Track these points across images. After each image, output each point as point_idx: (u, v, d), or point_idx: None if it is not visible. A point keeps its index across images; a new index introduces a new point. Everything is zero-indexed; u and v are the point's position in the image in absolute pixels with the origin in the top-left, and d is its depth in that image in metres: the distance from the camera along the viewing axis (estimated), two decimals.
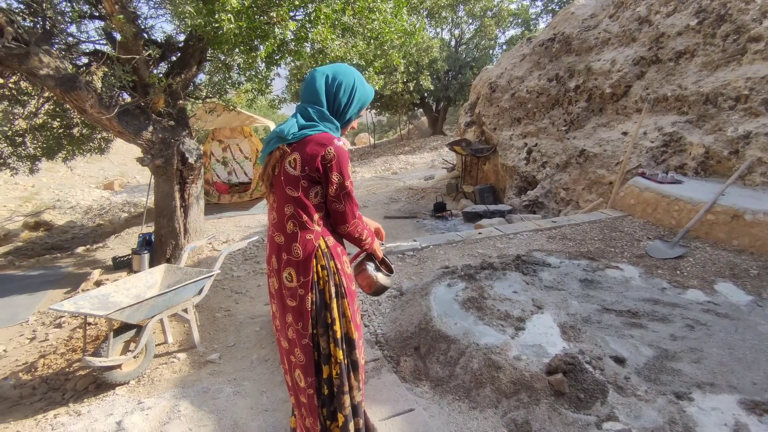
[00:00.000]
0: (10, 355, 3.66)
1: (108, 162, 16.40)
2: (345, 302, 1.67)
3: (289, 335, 1.68)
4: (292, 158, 1.54)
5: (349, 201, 1.60)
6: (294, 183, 1.55)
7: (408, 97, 17.68)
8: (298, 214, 1.58)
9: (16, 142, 5.82)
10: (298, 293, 1.61)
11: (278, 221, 1.63)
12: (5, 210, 11.24)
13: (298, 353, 1.66)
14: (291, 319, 1.65)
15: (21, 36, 3.95)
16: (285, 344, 1.73)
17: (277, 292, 1.69)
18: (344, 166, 1.55)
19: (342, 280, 1.67)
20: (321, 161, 1.51)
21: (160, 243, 5.44)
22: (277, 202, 1.63)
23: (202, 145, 9.03)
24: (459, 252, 4.13)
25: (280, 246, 1.63)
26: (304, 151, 1.52)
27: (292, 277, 1.61)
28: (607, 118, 6.29)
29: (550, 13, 20.00)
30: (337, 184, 1.55)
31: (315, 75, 1.59)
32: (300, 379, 1.69)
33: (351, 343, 1.69)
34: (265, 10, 4.28)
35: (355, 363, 1.71)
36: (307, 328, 1.62)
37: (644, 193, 4.65)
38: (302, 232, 1.59)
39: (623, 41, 6.36)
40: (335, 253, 1.66)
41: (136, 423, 2.46)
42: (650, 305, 2.90)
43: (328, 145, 1.52)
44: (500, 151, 7.98)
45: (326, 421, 1.72)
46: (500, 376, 2.22)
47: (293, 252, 1.60)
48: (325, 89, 1.58)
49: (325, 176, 1.54)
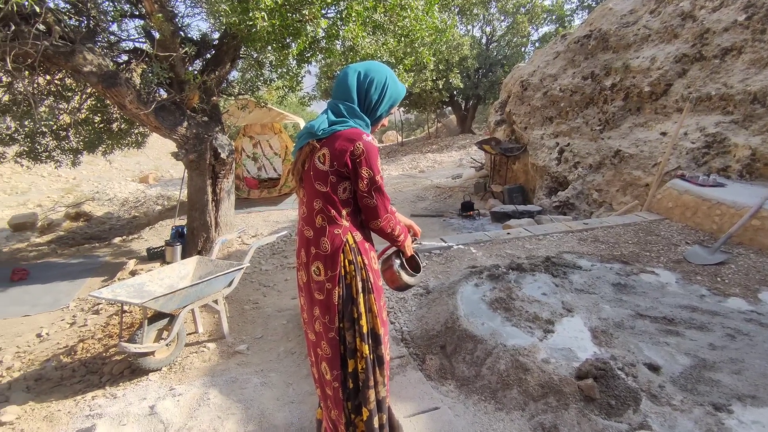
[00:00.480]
0: (52, 338, 3.84)
1: (144, 156, 16.97)
2: (372, 297, 1.67)
3: (316, 328, 1.71)
4: (322, 153, 1.55)
5: (380, 196, 1.60)
6: (323, 178, 1.56)
7: (437, 95, 17.53)
8: (326, 209, 1.59)
9: (61, 136, 6.10)
10: (325, 287, 1.63)
11: (308, 215, 1.66)
12: (49, 200, 11.81)
13: (325, 346, 1.68)
14: (318, 312, 1.67)
15: (67, 35, 4.13)
16: (312, 336, 1.75)
17: (305, 285, 1.71)
18: (374, 161, 1.55)
19: (369, 275, 1.67)
20: (350, 156, 1.52)
21: (192, 235, 5.59)
22: (307, 196, 1.65)
23: (233, 140, 9.24)
24: (486, 252, 4.08)
25: (309, 240, 1.65)
26: (333, 146, 1.53)
27: (320, 270, 1.63)
28: (645, 118, 6.07)
29: (585, 9, 19.46)
30: (368, 179, 1.55)
31: (347, 72, 1.61)
32: (326, 371, 1.71)
33: (377, 338, 1.70)
34: (297, 8, 4.33)
35: (381, 358, 1.71)
36: (334, 322, 1.64)
37: (683, 195, 4.47)
38: (330, 227, 1.60)
39: (664, 38, 6.12)
40: (363, 249, 1.66)
41: (168, 408, 2.54)
42: (688, 312, 2.78)
43: (356, 140, 1.52)
44: (531, 151, 7.83)
45: (351, 415, 1.73)
46: (528, 378, 2.18)
47: (321, 246, 1.61)
48: (357, 86, 1.59)
49: (355, 172, 1.54)
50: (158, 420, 2.45)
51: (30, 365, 3.37)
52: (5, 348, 3.72)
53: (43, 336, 3.91)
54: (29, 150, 5.93)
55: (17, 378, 3.19)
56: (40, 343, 3.79)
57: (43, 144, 6.07)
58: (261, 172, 10.60)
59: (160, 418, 2.46)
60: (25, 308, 4.57)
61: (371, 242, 1.75)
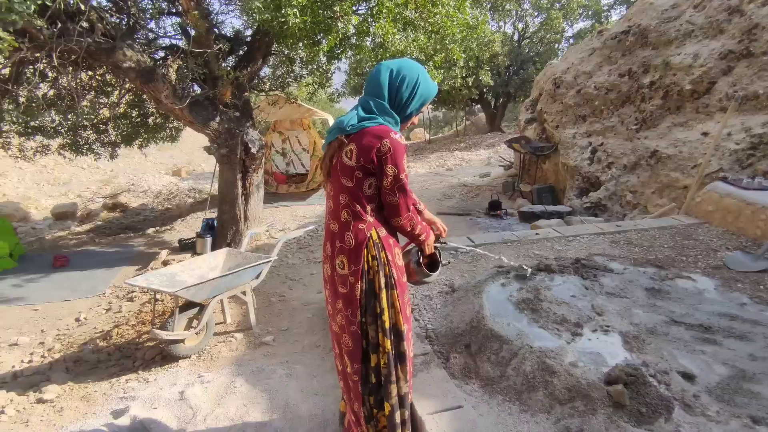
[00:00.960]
0: (89, 323, 4.02)
1: (177, 150, 17.49)
2: (395, 293, 1.68)
3: (338, 321, 1.73)
4: (349, 149, 1.57)
5: (403, 194, 1.60)
6: (349, 173, 1.58)
7: (466, 92, 17.33)
8: (351, 203, 1.61)
9: (100, 130, 6.35)
10: (348, 281, 1.64)
11: (333, 209, 1.68)
12: (88, 191, 12.34)
13: (347, 339, 1.70)
14: (341, 305, 1.69)
15: (108, 32, 4.29)
16: (336, 329, 1.78)
17: (329, 278, 1.74)
18: (399, 159, 1.55)
19: (392, 271, 1.68)
20: (376, 153, 1.53)
21: (221, 228, 5.73)
22: (333, 191, 1.67)
23: (263, 136, 9.40)
24: (514, 252, 4.01)
25: (335, 233, 1.68)
26: (360, 142, 1.54)
27: (344, 264, 1.65)
28: (685, 117, 5.82)
29: (624, 5, 18.83)
30: (392, 177, 1.56)
31: (380, 68, 1.62)
32: (347, 364, 1.73)
33: (399, 334, 1.70)
34: (329, 4, 4.36)
35: (403, 355, 1.71)
36: (356, 316, 1.65)
37: (725, 199, 4.28)
38: (355, 222, 1.62)
39: (709, 33, 5.85)
40: (386, 245, 1.67)
41: (196, 394, 2.61)
42: (726, 321, 2.66)
43: (384, 137, 1.53)
44: (562, 150, 7.65)
45: (373, 409, 1.74)
46: (554, 381, 2.13)
47: (346, 240, 1.63)
48: (389, 83, 1.60)
49: (380, 168, 1.55)
50: (187, 405, 2.53)
51: (69, 347, 3.54)
52: (47, 330, 3.91)
53: (82, 320, 4.09)
54: (71, 143, 6.20)
55: (58, 359, 3.35)
56: (79, 327, 3.97)
57: (84, 137, 6.33)
58: (289, 167, 10.75)
59: (189, 403, 2.54)
60: (66, 293, 4.79)
61: (396, 238, 1.75)
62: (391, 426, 1.72)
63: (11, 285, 5.12)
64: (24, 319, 4.17)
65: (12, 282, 5.22)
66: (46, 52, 3.85)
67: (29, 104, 4.86)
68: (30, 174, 12.31)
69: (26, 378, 3.10)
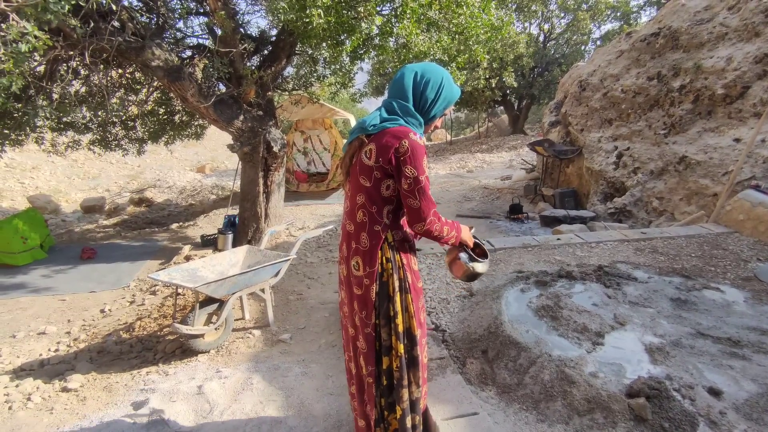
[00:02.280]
0: (113, 315, 4.13)
1: (201, 147, 17.81)
2: (409, 297, 1.67)
3: (355, 322, 1.73)
4: (369, 148, 1.57)
5: (423, 197, 1.54)
6: (367, 173, 1.58)
7: (489, 93, 17.14)
8: (368, 204, 1.61)
9: (129, 126, 6.53)
10: (363, 282, 1.65)
11: (350, 210, 1.68)
12: (116, 186, 12.69)
13: (362, 341, 1.70)
14: (356, 306, 1.70)
15: (138, 31, 4.40)
16: (351, 331, 1.78)
17: (345, 279, 1.75)
18: (418, 160, 1.51)
19: (406, 275, 1.67)
20: (394, 153, 1.51)
21: (242, 225, 5.81)
22: (351, 191, 1.68)
23: (285, 135, 9.50)
24: (534, 257, 3.95)
25: (350, 234, 1.68)
26: (380, 142, 1.54)
27: (359, 265, 1.65)
28: (717, 122, 5.63)
29: (654, 6, 18.33)
30: (411, 178, 1.52)
31: (404, 71, 1.62)
32: (363, 366, 1.74)
33: (412, 338, 1.68)
34: (353, 5, 4.37)
35: (416, 359, 1.70)
36: (371, 318, 1.66)
37: (757, 208, 4.12)
38: (371, 223, 1.62)
39: (743, 36, 5.65)
40: (401, 248, 1.67)
41: (214, 389, 2.65)
42: (757, 335, 2.56)
43: (403, 138, 1.51)
44: (586, 154, 7.49)
45: (384, 412, 1.74)
46: (573, 391, 2.09)
47: (361, 241, 1.63)
48: (413, 85, 1.60)
49: (398, 170, 1.52)
50: (205, 400, 2.57)
51: (94, 338, 3.64)
52: (73, 321, 4.04)
53: (106, 312, 4.21)
54: (101, 138, 6.38)
55: (82, 349, 3.45)
56: (103, 318, 4.08)
57: (113, 133, 6.51)
58: (310, 166, 10.84)
59: (207, 398, 2.58)
60: (92, 285, 4.93)
61: (412, 241, 1.74)
62: (402, 430, 1.71)
63: (41, 275, 5.31)
64: (52, 309, 4.31)
65: (42, 272, 5.41)
66: (79, 50, 3.97)
67: (62, 101, 5.02)
68: (61, 168, 12.73)
69: (52, 366, 3.21)
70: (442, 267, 3.85)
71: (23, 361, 3.32)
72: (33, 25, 2.85)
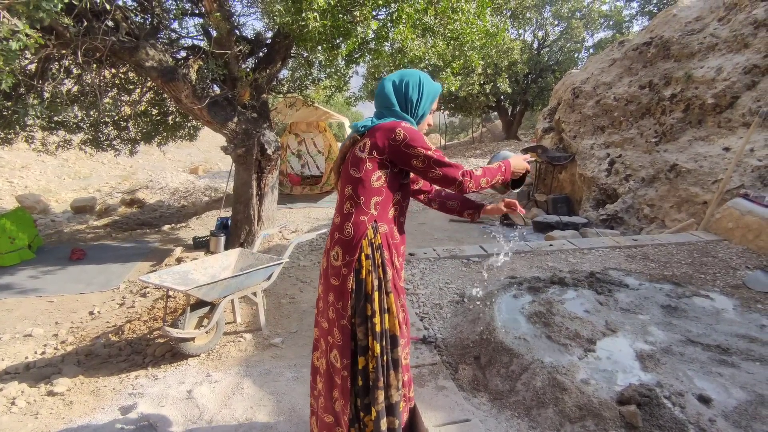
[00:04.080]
0: (102, 317, 4.07)
1: (195, 148, 17.71)
2: (390, 298, 1.63)
3: (329, 315, 1.70)
4: (363, 143, 1.63)
5: (441, 166, 1.59)
6: (358, 164, 1.61)
7: (483, 99, 17.25)
8: (356, 194, 1.62)
9: (121, 126, 6.47)
10: (341, 272, 1.63)
11: (339, 202, 1.71)
12: (107, 186, 12.57)
13: (336, 333, 1.67)
14: (332, 298, 1.67)
15: (132, 31, 4.37)
16: (324, 324, 1.74)
17: (324, 271, 1.74)
18: (419, 141, 1.57)
19: (386, 272, 1.63)
20: (391, 143, 1.57)
21: (235, 227, 5.78)
22: (341, 184, 1.70)
23: (279, 137, 9.47)
24: (527, 263, 3.97)
25: (335, 225, 1.70)
26: (374, 135, 1.61)
27: (338, 255, 1.64)
28: (707, 131, 5.71)
29: (646, 16, 18.58)
30: (421, 157, 1.57)
31: (383, 83, 1.69)
32: (336, 359, 1.69)
33: (394, 340, 1.64)
34: (349, 9, 4.38)
35: (396, 361, 1.65)
36: (346, 309, 1.63)
37: (746, 216, 4.17)
38: (357, 213, 1.62)
39: (733, 47, 5.74)
40: (384, 243, 1.63)
41: (204, 394, 2.62)
42: (745, 342, 2.59)
43: (396, 127, 1.58)
44: (579, 160, 7.55)
45: (360, 412, 1.68)
46: (565, 398, 2.09)
47: (345, 231, 1.63)
48: (395, 90, 1.67)
49: (403, 158, 1.58)
50: (194, 405, 2.54)
51: (82, 341, 3.59)
52: (61, 323, 3.98)
53: (95, 314, 4.15)
54: (93, 138, 6.32)
55: (70, 352, 3.40)
56: (92, 320, 4.02)
57: (105, 133, 6.46)
58: (304, 169, 10.81)
59: (197, 402, 2.55)
60: (81, 286, 4.87)
61: (401, 235, 1.72)
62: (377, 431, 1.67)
63: (29, 276, 5.23)
64: (39, 311, 4.25)
65: (29, 273, 5.33)
66: (72, 49, 3.94)
67: (53, 99, 4.96)
68: (52, 167, 12.58)
69: (38, 369, 3.15)
70: (436, 272, 3.85)
71: (8, 363, 3.26)
72: (24, 23, 2.82)
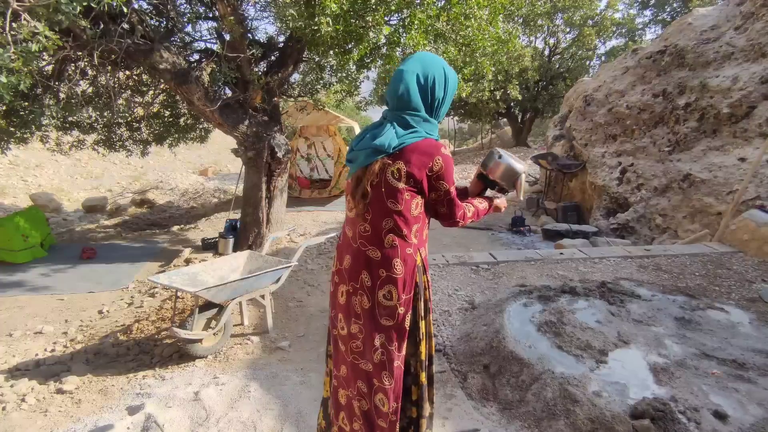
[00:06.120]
0: (111, 316, 4.10)
1: (205, 150, 17.84)
2: (430, 319, 1.64)
3: (375, 359, 1.54)
4: (395, 169, 1.45)
5: (452, 205, 1.58)
6: (397, 196, 1.47)
7: (494, 105, 17.22)
8: (398, 227, 1.50)
9: (134, 128, 6.54)
10: (396, 312, 1.51)
11: (373, 235, 1.53)
12: (118, 186, 12.70)
13: (385, 378, 1.54)
14: (383, 340, 1.53)
15: (147, 34, 4.42)
16: (368, 367, 1.58)
17: (367, 311, 1.55)
18: (450, 174, 1.52)
19: (430, 294, 1.64)
20: (428, 172, 1.47)
21: (244, 229, 5.79)
22: (373, 214, 1.52)
23: (289, 140, 9.52)
24: (537, 271, 3.92)
25: (376, 261, 1.53)
26: (409, 161, 1.45)
27: (392, 295, 1.51)
28: (722, 141, 5.63)
29: (659, 24, 18.47)
30: (443, 191, 1.53)
31: (405, 77, 1.46)
32: (383, 403, 1.55)
33: (432, 358, 1.68)
34: (361, 14, 4.39)
35: (432, 378, 1.69)
36: (402, 349, 1.55)
37: (762, 228, 4.10)
38: (402, 247, 1.52)
39: (750, 56, 5.67)
40: (426, 265, 1.63)
41: (211, 396, 2.62)
42: (762, 358, 2.53)
43: (435, 154, 1.46)
44: (590, 169, 7.49)
45: None
46: (576, 410, 2.05)
47: (395, 268, 1.50)
48: (420, 90, 1.47)
49: (430, 184, 1.50)
50: (201, 406, 2.54)
51: (90, 339, 3.61)
52: (71, 321, 4.00)
53: (104, 313, 4.17)
54: (106, 139, 6.39)
55: (79, 350, 3.42)
56: (101, 319, 4.05)
57: (118, 134, 6.52)
58: (313, 172, 10.84)
59: (203, 404, 2.55)
60: (91, 285, 4.90)
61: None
62: None
63: (40, 274, 5.28)
64: (50, 308, 4.28)
65: (41, 271, 5.38)
66: (88, 51, 3.98)
67: (68, 100, 5.03)
68: (65, 167, 12.75)
69: (48, 367, 3.17)
70: (445, 278, 3.82)
71: (19, 360, 3.28)
72: (44, 25, 2.86)
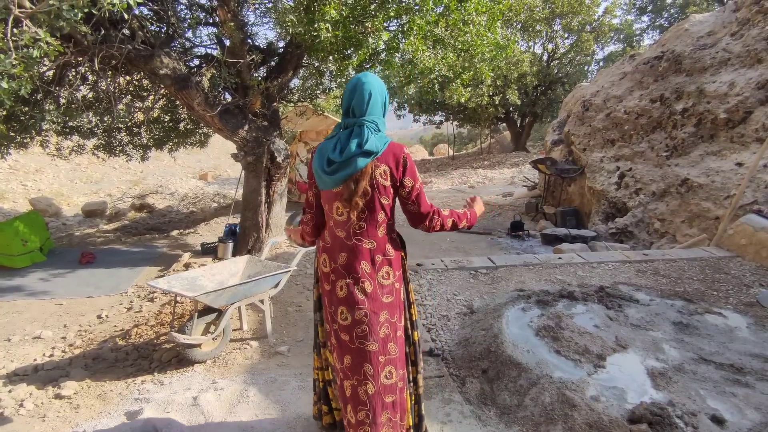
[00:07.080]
0: (110, 321, 4.09)
1: (204, 155, 17.90)
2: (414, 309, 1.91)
3: (381, 334, 1.69)
4: (382, 170, 1.65)
5: (422, 202, 1.73)
6: (387, 192, 1.68)
7: (492, 110, 17.30)
8: (387, 217, 1.72)
9: (134, 132, 6.56)
10: (394, 288, 1.74)
11: (369, 229, 1.70)
12: (118, 191, 12.71)
13: (392, 348, 1.73)
14: (386, 315, 1.72)
15: (148, 39, 4.45)
16: (374, 347, 1.68)
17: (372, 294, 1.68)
18: (415, 170, 1.72)
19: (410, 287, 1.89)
20: (402, 169, 1.68)
21: (243, 234, 5.80)
22: (369, 211, 1.68)
23: (289, 145, 9.54)
24: (535, 275, 3.93)
25: (371, 251, 1.71)
26: (388, 161, 1.66)
27: (388, 274, 1.73)
28: (719, 146, 5.66)
29: (656, 29, 18.60)
30: (410, 187, 1.69)
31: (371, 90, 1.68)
32: (391, 375, 1.72)
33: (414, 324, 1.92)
34: (360, 20, 4.43)
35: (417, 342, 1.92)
36: (401, 320, 1.78)
37: (759, 233, 4.11)
38: (390, 234, 1.76)
39: (746, 62, 5.71)
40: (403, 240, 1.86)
41: (209, 401, 2.62)
42: (760, 362, 2.53)
43: (400, 153, 1.68)
44: (588, 173, 7.51)
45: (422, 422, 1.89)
46: (574, 415, 2.06)
47: (388, 251, 1.73)
48: (381, 101, 1.73)
49: (401, 181, 1.69)
50: (200, 411, 2.54)
51: (89, 344, 3.61)
52: (70, 326, 4.00)
53: (103, 318, 4.17)
54: (106, 143, 6.41)
55: (78, 355, 3.41)
56: (100, 324, 4.04)
57: (118, 139, 6.55)
58: None
59: (202, 409, 2.54)
60: (90, 290, 4.90)
61: None
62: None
63: (39, 278, 5.28)
64: (48, 313, 4.28)
65: (40, 275, 5.38)
66: (89, 56, 4.01)
67: (69, 105, 5.06)
68: (65, 171, 12.76)
69: (46, 372, 3.17)
70: (443, 283, 3.83)
71: (17, 365, 3.28)
72: (45, 31, 2.88)
